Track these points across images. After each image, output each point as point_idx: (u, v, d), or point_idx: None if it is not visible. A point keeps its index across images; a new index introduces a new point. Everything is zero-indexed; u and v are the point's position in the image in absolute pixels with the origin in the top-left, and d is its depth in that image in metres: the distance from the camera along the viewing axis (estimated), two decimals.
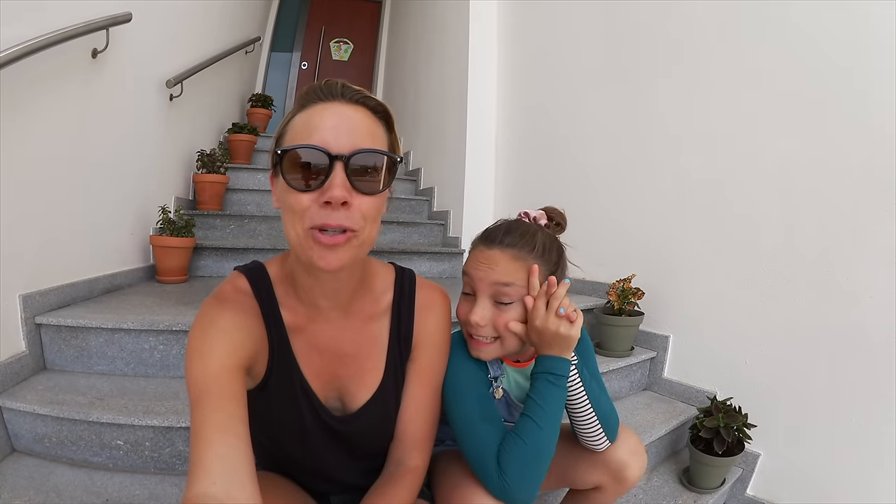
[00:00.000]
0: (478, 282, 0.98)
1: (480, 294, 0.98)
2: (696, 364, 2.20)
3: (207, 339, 0.75)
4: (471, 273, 1.00)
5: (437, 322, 0.98)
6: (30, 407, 1.47)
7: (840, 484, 1.69)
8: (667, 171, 2.34)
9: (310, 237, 0.71)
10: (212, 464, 0.64)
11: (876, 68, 1.63)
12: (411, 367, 0.96)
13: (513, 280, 0.96)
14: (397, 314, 0.95)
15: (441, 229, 3.67)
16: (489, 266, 0.97)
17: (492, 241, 1.00)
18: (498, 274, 0.96)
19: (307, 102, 0.76)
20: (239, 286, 0.84)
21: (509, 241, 0.99)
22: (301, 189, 0.71)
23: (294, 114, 0.77)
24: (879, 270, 1.62)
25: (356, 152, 0.71)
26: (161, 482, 1.44)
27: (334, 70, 6.14)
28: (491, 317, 0.97)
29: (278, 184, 0.76)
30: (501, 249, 0.98)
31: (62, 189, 1.86)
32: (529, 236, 1.00)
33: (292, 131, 0.75)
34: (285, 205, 0.74)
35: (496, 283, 0.96)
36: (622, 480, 1.11)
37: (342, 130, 0.72)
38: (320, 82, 0.77)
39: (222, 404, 0.69)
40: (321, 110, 0.74)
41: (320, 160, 0.70)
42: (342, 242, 0.72)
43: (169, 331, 1.74)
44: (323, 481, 1.01)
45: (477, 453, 0.93)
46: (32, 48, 1.53)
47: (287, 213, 0.73)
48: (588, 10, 2.83)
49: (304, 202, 0.71)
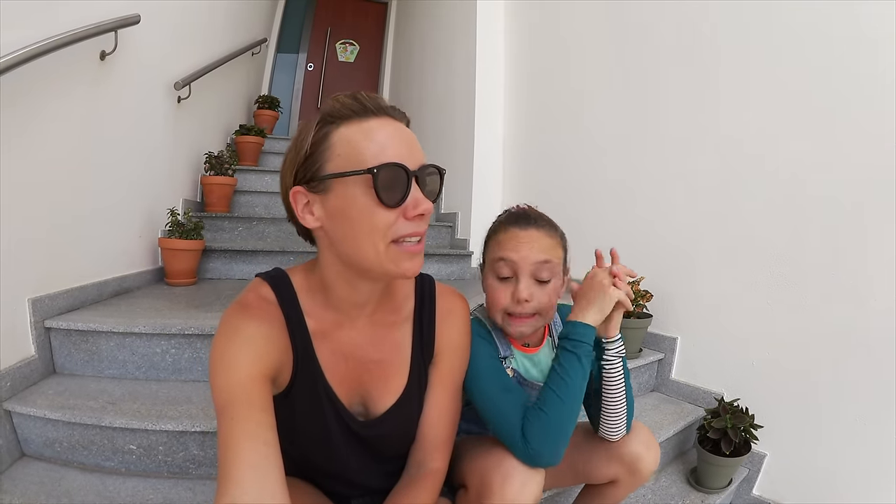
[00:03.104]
0: (521, 261, 1.04)
1: (523, 273, 1.04)
2: (703, 365, 2.19)
3: (232, 349, 0.75)
4: (511, 255, 1.05)
5: (458, 328, 0.99)
6: (40, 412, 1.48)
7: (845, 484, 1.70)
8: (675, 173, 2.33)
9: (395, 249, 0.76)
10: (242, 473, 0.64)
11: (885, 72, 1.62)
12: (433, 372, 0.98)
13: (551, 257, 1.04)
14: (419, 320, 0.96)
15: (449, 231, 3.67)
16: (530, 244, 1.04)
17: (526, 222, 1.07)
18: (539, 251, 1.04)
19: (352, 116, 0.75)
20: (263, 294, 0.84)
21: (541, 222, 1.08)
22: (392, 205, 0.73)
23: (333, 127, 0.76)
24: (884, 274, 1.62)
25: (423, 166, 0.77)
26: (175, 486, 1.44)
27: (340, 72, 6.13)
28: (535, 293, 1.04)
29: (332, 199, 0.76)
30: (538, 228, 1.06)
31: (70, 191, 1.86)
32: (549, 219, 1.11)
33: (344, 146, 0.74)
34: (363, 222, 0.74)
35: (538, 260, 1.03)
36: (636, 473, 1.14)
37: (411, 147, 0.77)
38: (353, 96, 0.77)
39: (250, 413, 0.70)
40: (380, 126, 0.76)
41: (402, 177, 0.74)
42: (422, 248, 0.79)
43: (181, 334, 1.74)
44: (344, 485, 1.01)
45: (502, 422, 0.99)
46: (42, 50, 1.54)
47: (364, 231, 0.74)
48: (595, 10, 2.82)
49: (391, 218, 0.74)
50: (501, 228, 1.10)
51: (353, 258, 0.78)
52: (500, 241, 1.08)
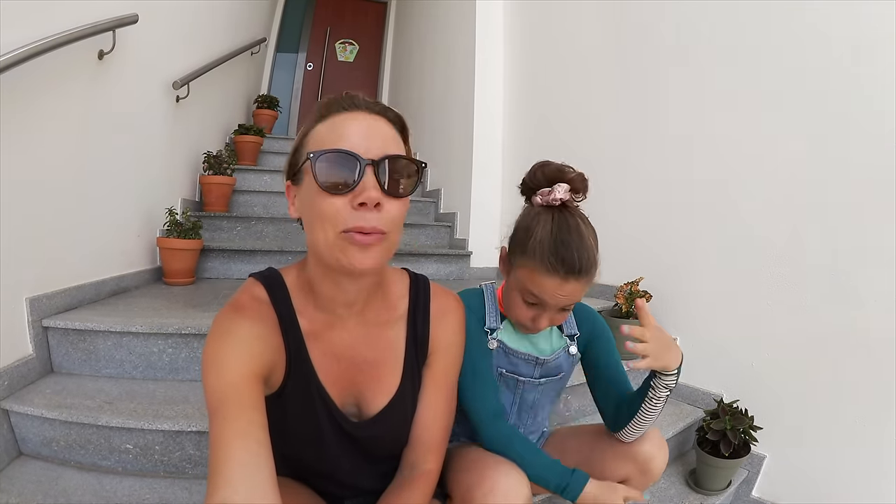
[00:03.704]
0: (553, 303, 1.04)
1: (550, 308, 1.06)
2: (702, 366, 2.18)
3: (224, 349, 0.74)
4: (548, 301, 1.04)
5: (452, 328, 0.99)
6: (37, 411, 1.47)
7: (844, 486, 1.70)
8: (673, 174, 2.34)
9: (343, 239, 0.73)
10: (232, 472, 0.64)
11: (885, 72, 1.62)
12: (427, 373, 0.97)
13: (580, 298, 1.07)
14: (413, 321, 0.95)
15: (448, 231, 3.66)
16: (569, 298, 1.03)
17: (569, 271, 1.00)
18: (573, 299, 1.05)
19: (328, 112, 0.78)
20: (256, 294, 0.84)
21: (584, 270, 1.01)
22: (335, 192, 0.72)
23: (314, 124, 0.79)
24: (884, 274, 1.62)
25: (385, 157, 0.74)
26: (171, 486, 1.44)
27: (340, 71, 6.14)
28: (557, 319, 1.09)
29: (302, 190, 0.78)
30: (577, 279, 1.01)
31: (68, 191, 1.86)
32: (594, 258, 1.04)
33: (316, 139, 0.77)
34: (314, 210, 0.74)
35: (569, 305, 1.06)
36: (648, 472, 1.16)
37: (371, 138, 0.75)
38: (338, 95, 0.79)
39: (241, 412, 0.69)
40: (346, 119, 0.76)
41: (351, 164, 0.72)
42: (376, 242, 0.74)
43: (178, 334, 1.74)
44: (337, 486, 1.01)
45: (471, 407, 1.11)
46: (39, 50, 1.53)
47: (316, 218, 0.74)
48: (593, 11, 2.82)
49: (337, 205, 0.72)
50: (549, 266, 1.00)
51: (313, 248, 0.78)
52: (546, 281, 1.01)
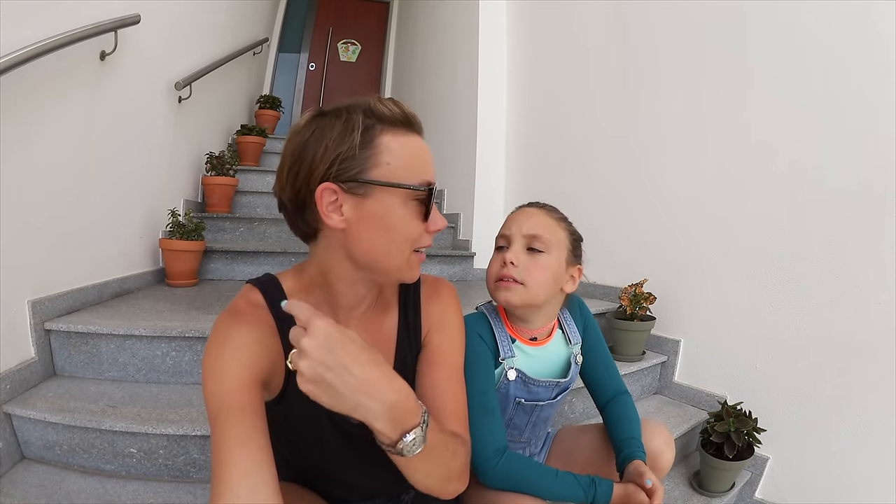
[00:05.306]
0: (514, 230, 1.10)
1: (514, 240, 1.09)
2: (706, 368, 2.19)
3: (223, 355, 0.74)
4: (506, 229, 1.12)
5: (442, 305, 0.98)
6: (40, 414, 1.47)
7: (847, 487, 1.70)
8: (677, 176, 2.33)
9: (415, 257, 0.83)
10: (234, 479, 0.64)
11: (886, 73, 1.62)
12: (421, 356, 0.95)
13: (544, 233, 1.08)
14: (404, 310, 0.96)
15: (451, 232, 3.65)
16: (526, 217, 1.11)
17: (530, 203, 1.16)
18: (532, 225, 1.09)
19: (398, 125, 0.79)
20: (253, 300, 0.84)
21: (544, 204, 1.16)
22: (426, 220, 0.81)
23: (377, 132, 0.77)
24: (888, 277, 1.62)
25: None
26: (175, 490, 1.44)
27: (342, 71, 6.13)
28: (524, 260, 1.08)
29: (369, 202, 0.77)
30: (539, 207, 1.14)
31: (70, 193, 1.86)
32: (556, 209, 1.17)
33: (393, 156, 0.77)
34: (399, 230, 0.79)
35: (530, 233, 1.08)
36: (656, 468, 1.17)
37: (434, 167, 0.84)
38: (396, 103, 0.79)
39: (242, 418, 0.69)
40: (422, 145, 0.82)
41: (431, 195, 0.80)
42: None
43: (181, 337, 1.73)
44: (344, 489, 1.00)
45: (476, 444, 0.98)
46: (41, 50, 1.53)
47: (399, 237, 0.79)
48: (597, 11, 2.81)
49: (421, 229, 0.81)
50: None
51: (377, 262, 0.80)
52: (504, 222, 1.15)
